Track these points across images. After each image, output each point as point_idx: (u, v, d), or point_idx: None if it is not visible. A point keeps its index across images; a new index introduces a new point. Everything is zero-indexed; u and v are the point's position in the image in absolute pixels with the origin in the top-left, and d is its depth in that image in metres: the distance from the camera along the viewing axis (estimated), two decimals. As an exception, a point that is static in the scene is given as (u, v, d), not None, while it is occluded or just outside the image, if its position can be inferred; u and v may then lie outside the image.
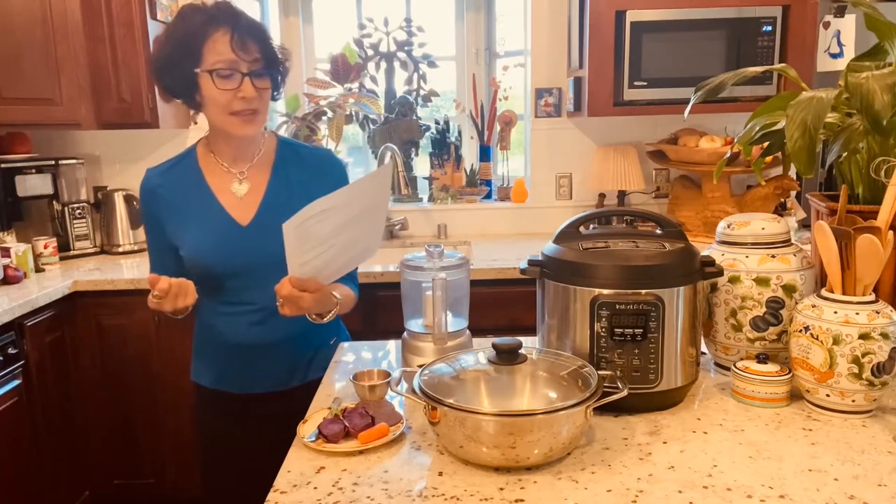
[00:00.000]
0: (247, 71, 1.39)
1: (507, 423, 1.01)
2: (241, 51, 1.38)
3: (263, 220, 1.48)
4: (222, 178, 1.52)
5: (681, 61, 2.74)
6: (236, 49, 1.37)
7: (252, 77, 1.40)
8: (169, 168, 1.55)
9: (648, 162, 3.16)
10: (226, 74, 1.38)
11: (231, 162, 1.52)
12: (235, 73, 1.38)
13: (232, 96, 1.39)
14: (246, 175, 1.52)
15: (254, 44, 1.40)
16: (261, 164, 1.53)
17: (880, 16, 1.35)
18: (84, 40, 2.73)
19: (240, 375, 1.56)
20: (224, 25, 1.38)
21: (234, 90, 1.39)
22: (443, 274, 1.35)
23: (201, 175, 1.52)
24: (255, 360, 1.54)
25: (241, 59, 1.38)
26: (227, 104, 1.40)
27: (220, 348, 1.56)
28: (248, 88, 1.39)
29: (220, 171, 1.52)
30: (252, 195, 1.51)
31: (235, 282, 1.49)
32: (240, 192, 1.51)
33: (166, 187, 1.51)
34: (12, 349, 2.21)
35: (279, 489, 1.03)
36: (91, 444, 2.64)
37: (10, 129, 2.81)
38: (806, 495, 0.97)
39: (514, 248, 2.91)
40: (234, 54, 1.37)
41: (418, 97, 3.39)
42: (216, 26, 1.38)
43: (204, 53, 1.38)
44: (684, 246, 1.27)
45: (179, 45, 1.39)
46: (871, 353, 1.14)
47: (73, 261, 2.90)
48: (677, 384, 1.24)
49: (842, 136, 1.34)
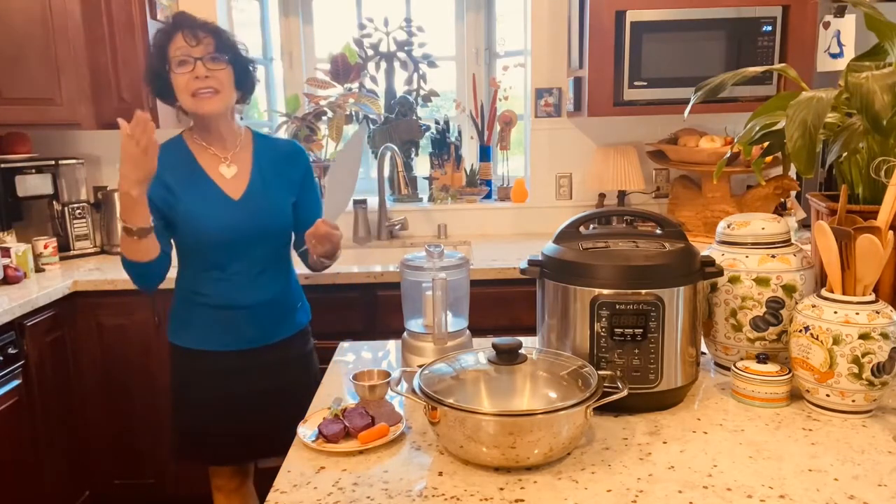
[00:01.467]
0: (199, 56, 1.64)
1: (507, 423, 1.01)
2: (193, 40, 1.64)
3: (252, 196, 1.73)
4: (211, 161, 1.75)
5: (681, 61, 2.74)
6: (189, 40, 1.63)
7: (204, 60, 1.64)
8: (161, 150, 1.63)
9: (648, 162, 3.15)
10: (181, 62, 1.64)
11: (217, 148, 1.75)
12: (189, 58, 1.64)
13: (189, 78, 1.64)
14: (231, 160, 1.76)
15: (205, 35, 1.65)
16: (242, 151, 1.78)
17: (880, 16, 1.35)
18: (84, 40, 2.73)
19: (222, 334, 1.75)
20: (179, 28, 1.66)
21: (189, 73, 1.64)
22: (443, 274, 1.35)
23: (193, 157, 1.75)
24: (237, 320, 1.74)
25: (193, 48, 1.63)
26: (186, 86, 1.65)
27: (205, 310, 1.75)
28: (200, 69, 1.63)
29: (209, 154, 1.75)
30: (240, 176, 1.75)
31: (225, 249, 1.71)
32: (228, 174, 1.75)
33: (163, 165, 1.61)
34: (12, 349, 2.21)
35: (279, 489, 1.03)
36: (91, 444, 2.64)
37: (10, 129, 2.81)
38: (806, 495, 0.97)
39: (514, 248, 2.91)
40: (186, 44, 1.63)
41: (418, 97, 3.39)
42: (175, 30, 1.66)
43: (169, 55, 1.66)
44: (684, 246, 1.27)
45: (154, 55, 1.70)
46: (871, 353, 1.14)
47: (73, 261, 2.90)
48: (677, 384, 1.24)
49: (842, 136, 1.34)
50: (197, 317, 1.77)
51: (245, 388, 1.77)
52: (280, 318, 1.81)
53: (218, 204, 1.70)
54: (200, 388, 1.79)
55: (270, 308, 1.78)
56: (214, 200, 1.71)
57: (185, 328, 1.79)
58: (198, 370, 1.79)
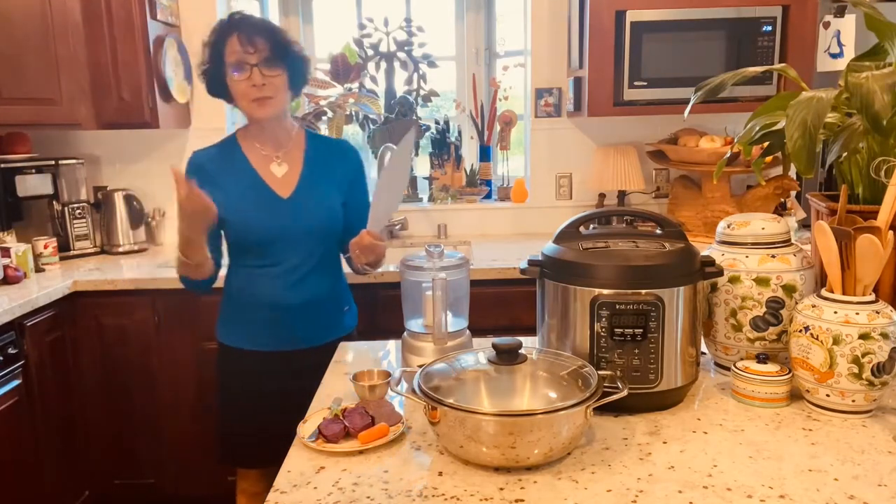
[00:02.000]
0: (255, 62, 1.64)
1: (507, 423, 1.01)
2: (249, 46, 1.64)
3: (301, 194, 1.75)
4: (262, 160, 1.78)
5: (681, 61, 2.74)
6: (245, 45, 1.64)
7: (260, 67, 1.64)
8: (214, 151, 1.81)
9: (648, 162, 3.15)
10: (238, 67, 1.65)
11: (269, 147, 1.78)
12: (245, 65, 1.64)
13: (246, 86, 1.65)
14: (282, 158, 1.78)
15: (261, 40, 1.65)
16: (294, 150, 1.80)
17: (880, 16, 1.35)
18: (84, 40, 2.73)
19: (268, 334, 1.76)
20: (234, 30, 1.66)
21: (246, 80, 1.65)
22: (443, 274, 1.35)
23: (244, 156, 1.78)
24: (285, 320, 1.75)
25: (249, 54, 1.64)
26: (244, 93, 1.67)
27: (253, 309, 1.76)
28: (256, 76, 1.64)
29: (260, 154, 1.78)
30: (290, 175, 1.77)
31: (274, 247, 1.73)
32: (279, 172, 1.77)
33: (213, 165, 1.75)
34: (12, 349, 2.21)
35: (279, 489, 1.03)
36: (91, 444, 2.64)
37: (10, 129, 2.80)
38: (806, 495, 0.97)
39: (514, 248, 2.91)
40: (243, 50, 1.64)
41: (418, 97, 3.39)
42: (230, 32, 1.66)
43: (225, 56, 1.67)
44: (684, 246, 1.27)
45: (210, 55, 1.71)
46: (871, 353, 1.14)
47: (73, 261, 2.90)
48: (677, 384, 1.24)
49: (842, 136, 1.34)
50: (244, 316, 1.78)
51: (289, 389, 1.70)
52: (327, 319, 1.82)
53: (266, 202, 1.73)
54: (244, 388, 1.79)
55: (317, 309, 1.79)
56: (263, 198, 1.73)
57: (232, 327, 1.81)
58: (243, 370, 1.79)
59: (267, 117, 1.71)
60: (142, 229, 3.08)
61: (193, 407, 2.65)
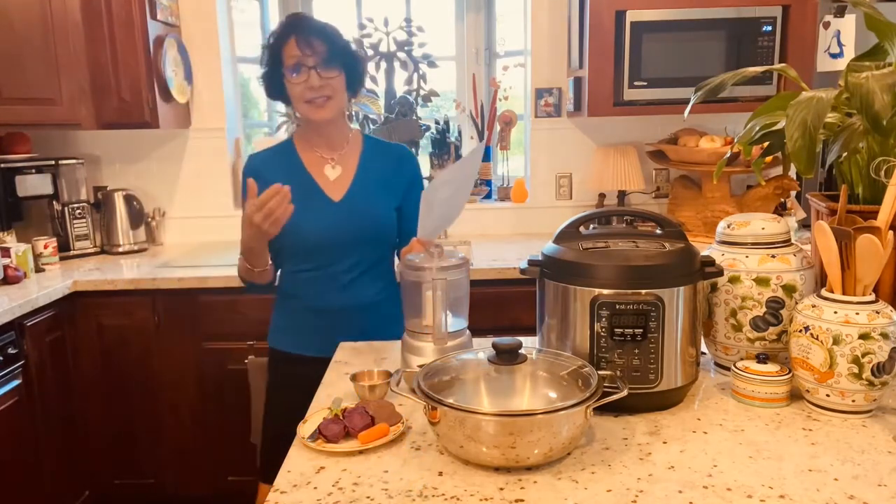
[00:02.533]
0: (312, 65, 1.63)
1: (507, 423, 1.01)
2: (307, 48, 1.63)
3: (353, 198, 1.74)
4: (317, 163, 1.77)
5: (681, 61, 2.74)
6: (302, 47, 1.63)
7: (318, 69, 1.64)
8: (270, 154, 1.81)
9: (648, 162, 3.15)
10: (295, 69, 1.64)
11: (324, 150, 1.77)
12: (303, 67, 1.64)
13: (304, 88, 1.65)
14: (337, 161, 1.77)
15: (318, 41, 1.64)
16: (350, 153, 1.79)
17: (880, 16, 1.35)
18: (84, 40, 2.73)
19: (319, 339, 1.71)
20: (292, 31, 1.65)
21: (303, 82, 1.64)
22: (443, 274, 1.35)
23: (299, 160, 1.77)
24: (335, 324, 1.73)
25: (307, 55, 1.63)
26: (301, 95, 1.66)
27: (304, 314, 1.76)
28: (314, 78, 1.64)
29: (315, 157, 1.77)
30: (343, 178, 1.76)
31: (323, 251, 1.72)
32: (332, 175, 1.76)
33: (268, 168, 1.74)
34: (12, 349, 2.21)
35: (279, 489, 1.03)
36: (91, 444, 2.64)
37: (10, 129, 2.81)
38: (806, 495, 0.97)
39: (514, 248, 2.91)
40: (301, 52, 1.63)
41: (418, 97, 3.39)
42: (288, 33, 1.65)
43: (283, 58, 1.66)
44: (684, 246, 1.27)
45: (268, 57, 1.70)
46: (871, 353, 1.14)
47: (73, 261, 2.90)
48: (677, 384, 1.24)
49: (842, 136, 1.34)
50: (295, 320, 1.77)
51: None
52: (378, 325, 1.77)
53: (318, 205, 1.71)
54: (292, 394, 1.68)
55: (368, 313, 1.76)
56: (315, 201, 1.71)
57: (284, 331, 1.80)
58: (293, 374, 1.74)
59: (324, 119, 1.70)
60: (142, 229, 3.08)
61: (193, 407, 2.65)
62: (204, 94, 3.17)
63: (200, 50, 3.13)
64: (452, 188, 1.53)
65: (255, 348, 2.43)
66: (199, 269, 2.64)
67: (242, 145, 3.39)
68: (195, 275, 2.55)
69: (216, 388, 2.62)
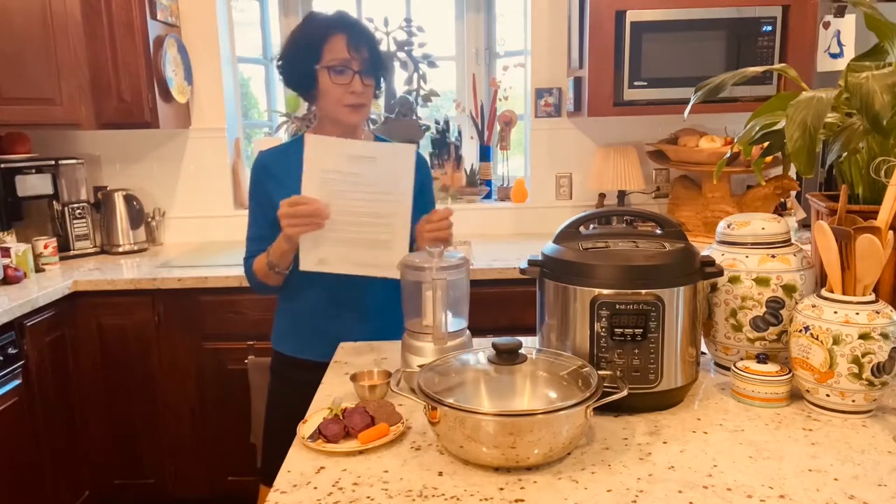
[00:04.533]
0: (358, 69, 1.62)
1: (507, 423, 1.01)
2: (355, 52, 1.61)
3: None
4: None
5: (681, 61, 2.74)
6: (351, 50, 1.60)
7: (361, 75, 1.62)
8: (281, 150, 1.77)
9: (648, 162, 3.15)
10: (340, 71, 1.61)
11: None
12: (348, 70, 1.61)
13: (344, 90, 1.62)
14: None
15: (365, 48, 1.63)
16: None
17: (880, 16, 1.35)
18: (84, 40, 2.73)
19: (325, 343, 1.68)
20: (342, 30, 1.61)
21: (346, 85, 1.62)
22: (443, 274, 1.35)
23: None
24: (337, 328, 1.70)
25: (354, 59, 1.61)
26: (340, 97, 1.62)
27: (309, 316, 1.73)
28: (357, 84, 1.62)
29: None
30: None
31: None
32: None
33: (278, 165, 1.71)
34: (12, 349, 2.21)
35: (279, 489, 1.03)
36: (91, 444, 2.64)
37: (10, 129, 2.81)
38: (806, 495, 0.97)
39: (514, 248, 2.91)
40: (349, 54, 1.60)
41: (418, 97, 3.39)
42: (336, 30, 1.61)
43: (323, 53, 1.61)
44: (684, 246, 1.27)
45: (303, 45, 1.63)
46: (871, 353, 1.14)
47: (73, 261, 2.90)
48: (677, 384, 1.24)
49: (842, 136, 1.34)
50: (298, 324, 1.75)
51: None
52: (387, 328, 1.74)
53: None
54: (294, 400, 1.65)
55: (376, 317, 1.74)
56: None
57: (287, 335, 1.78)
58: (295, 379, 1.72)
59: (357, 124, 1.69)
60: (142, 229, 3.08)
61: (193, 407, 2.65)
62: (204, 94, 3.17)
63: (200, 50, 3.13)
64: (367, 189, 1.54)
65: (255, 348, 2.43)
66: (199, 269, 2.64)
67: (242, 145, 3.39)
68: (195, 275, 2.55)
69: (216, 388, 2.62)
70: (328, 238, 1.56)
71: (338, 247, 1.58)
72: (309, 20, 1.67)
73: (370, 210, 1.57)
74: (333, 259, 1.58)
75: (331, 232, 1.56)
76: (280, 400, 1.80)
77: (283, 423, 1.69)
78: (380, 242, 1.59)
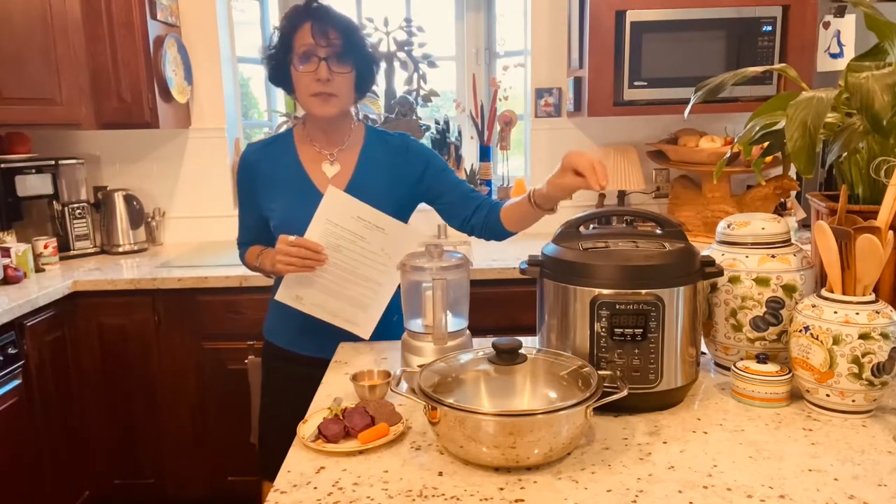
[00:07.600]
0: (324, 56, 1.55)
1: (507, 423, 1.01)
2: (321, 38, 1.54)
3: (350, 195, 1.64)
4: (314, 159, 1.69)
5: (681, 61, 2.74)
6: (316, 36, 1.54)
7: (329, 62, 1.55)
8: (266, 145, 1.74)
9: (648, 162, 3.15)
10: (305, 58, 1.56)
11: (323, 145, 1.69)
12: (313, 56, 1.55)
13: (311, 79, 1.56)
14: (336, 157, 1.69)
15: (335, 32, 1.56)
16: (350, 148, 1.71)
17: (880, 16, 1.35)
18: (84, 40, 2.74)
19: (312, 338, 1.67)
20: (308, 17, 1.56)
21: (312, 73, 1.56)
22: (443, 274, 1.35)
23: (296, 154, 1.70)
24: (327, 326, 1.63)
25: (320, 45, 1.55)
26: (307, 86, 1.57)
27: (297, 312, 1.66)
28: (323, 71, 1.55)
29: (313, 152, 1.70)
30: (341, 175, 1.68)
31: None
32: (330, 172, 1.68)
33: (264, 162, 1.69)
34: (12, 349, 2.21)
35: (279, 489, 1.03)
36: (91, 444, 2.64)
37: (10, 129, 2.81)
38: (806, 495, 0.97)
39: (514, 248, 2.91)
40: (314, 40, 1.54)
41: (418, 97, 3.39)
42: (304, 19, 1.57)
43: (294, 43, 1.57)
44: (684, 246, 1.27)
45: (277, 39, 1.61)
46: (871, 353, 1.14)
47: (73, 261, 2.90)
48: (677, 384, 1.24)
49: (842, 136, 1.34)
50: (289, 317, 1.70)
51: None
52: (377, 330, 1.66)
53: (310, 202, 1.60)
54: (286, 394, 1.69)
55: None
56: (307, 198, 1.62)
57: (278, 326, 1.77)
58: (286, 372, 1.73)
59: (327, 116, 1.61)
60: (142, 229, 3.08)
61: (193, 407, 2.65)
62: (204, 94, 3.17)
63: (200, 50, 3.13)
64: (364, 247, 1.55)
65: (255, 348, 2.41)
66: (198, 269, 2.64)
67: (242, 145, 3.39)
68: (195, 275, 2.55)
69: (216, 388, 2.62)
70: (314, 282, 1.57)
71: (319, 292, 1.58)
72: (285, 14, 1.63)
73: (362, 272, 1.57)
74: (310, 302, 1.59)
75: (318, 277, 1.56)
76: (272, 396, 1.80)
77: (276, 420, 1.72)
78: (360, 302, 1.59)
